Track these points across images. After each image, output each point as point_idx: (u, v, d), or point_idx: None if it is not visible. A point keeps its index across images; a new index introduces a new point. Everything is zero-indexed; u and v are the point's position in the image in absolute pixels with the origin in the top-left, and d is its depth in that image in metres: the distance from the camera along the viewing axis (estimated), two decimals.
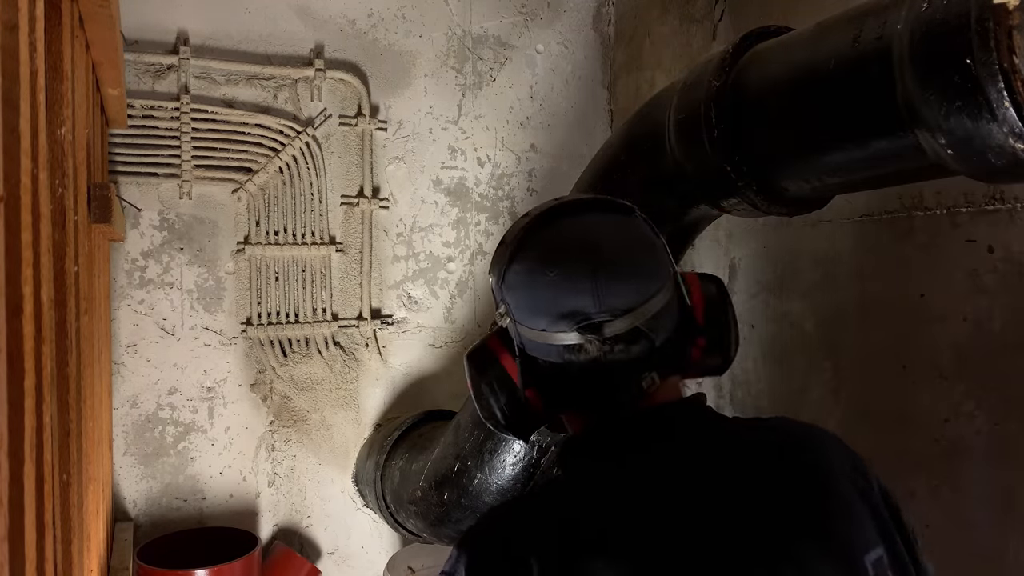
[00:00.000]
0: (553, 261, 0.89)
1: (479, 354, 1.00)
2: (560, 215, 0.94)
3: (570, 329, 0.87)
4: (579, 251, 0.89)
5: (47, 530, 0.77)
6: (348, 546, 2.48)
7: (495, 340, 0.98)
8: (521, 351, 0.93)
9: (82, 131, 1.31)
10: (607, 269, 0.88)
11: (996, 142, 0.91)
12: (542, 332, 0.89)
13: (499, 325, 0.96)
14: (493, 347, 0.98)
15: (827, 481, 0.86)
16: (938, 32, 0.93)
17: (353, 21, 2.45)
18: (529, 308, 0.90)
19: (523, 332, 0.91)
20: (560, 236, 0.92)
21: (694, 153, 1.40)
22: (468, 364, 1.01)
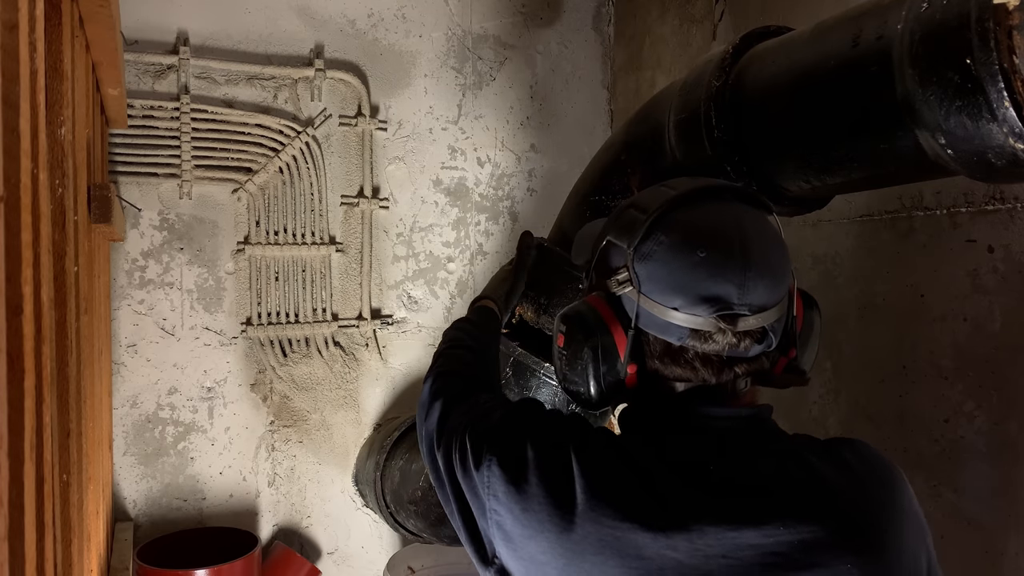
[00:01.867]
0: (703, 243, 0.85)
1: (584, 318, 0.91)
2: (704, 197, 0.91)
3: (707, 315, 0.83)
4: (731, 239, 0.86)
5: (47, 530, 0.77)
6: (348, 546, 2.48)
7: (605, 307, 0.90)
8: (636, 325, 0.88)
9: (82, 131, 1.31)
10: (757, 262, 0.85)
11: (996, 142, 0.91)
12: (672, 311, 0.85)
13: (611, 292, 0.90)
14: (604, 315, 0.90)
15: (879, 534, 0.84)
16: (938, 32, 0.93)
17: (353, 21, 2.45)
18: (667, 283, 0.85)
19: (646, 306, 0.86)
20: (708, 219, 0.89)
21: (694, 153, 1.40)
22: (567, 326, 0.93)
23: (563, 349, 0.93)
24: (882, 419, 1.70)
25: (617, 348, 0.89)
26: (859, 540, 0.81)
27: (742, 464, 0.86)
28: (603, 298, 0.91)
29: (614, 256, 0.92)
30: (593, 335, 0.89)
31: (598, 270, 0.95)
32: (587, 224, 1.12)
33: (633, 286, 0.87)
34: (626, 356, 0.88)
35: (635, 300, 0.87)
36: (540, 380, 1.77)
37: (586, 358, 0.90)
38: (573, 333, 0.92)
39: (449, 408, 1.07)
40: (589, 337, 0.89)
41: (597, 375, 0.90)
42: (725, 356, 0.86)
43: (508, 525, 0.86)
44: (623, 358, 0.88)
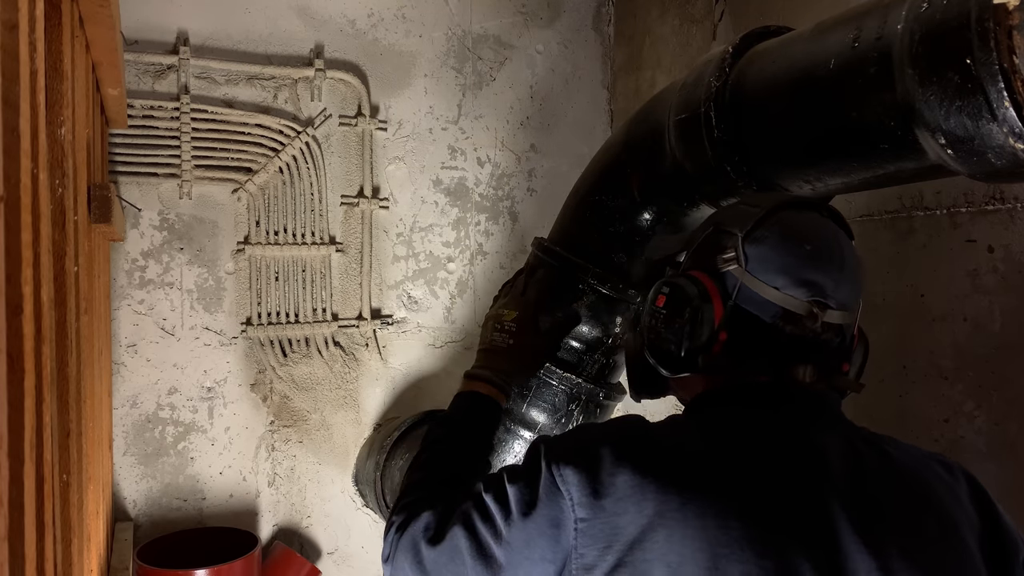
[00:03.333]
0: (809, 239, 0.96)
1: (689, 284, 0.99)
2: (806, 207, 1.03)
3: (804, 297, 0.92)
4: (830, 242, 0.97)
5: (47, 530, 0.77)
6: (348, 546, 2.48)
7: (708, 280, 0.98)
8: (735, 299, 0.95)
9: (82, 131, 1.31)
10: (848, 266, 0.96)
11: (996, 142, 0.91)
12: (773, 290, 0.93)
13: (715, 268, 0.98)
14: (708, 285, 0.98)
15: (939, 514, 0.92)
16: (938, 32, 0.93)
17: (353, 21, 2.45)
18: (773, 264, 0.94)
19: (748, 283, 0.94)
20: (812, 222, 1.00)
21: (694, 153, 1.40)
22: (671, 288, 1.01)
23: (661, 308, 1.01)
24: (882, 419, 1.70)
25: (714, 315, 0.96)
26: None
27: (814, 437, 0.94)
28: (705, 273, 0.99)
29: (721, 241, 1.00)
30: (695, 298, 0.97)
31: (700, 253, 1.03)
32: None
33: (739, 264, 0.95)
34: (721, 324, 0.95)
35: (738, 277, 0.95)
36: (540, 380, 1.76)
37: (685, 317, 0.97)
38: (676, 294, 0.99)
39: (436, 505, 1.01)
40: (691, 299, 0.97)
41: (692, 334, 0.97)
42: (806, 342, 0.94)
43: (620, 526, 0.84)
44: (718, 324, 0.95)
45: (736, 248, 0.96)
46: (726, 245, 0.98)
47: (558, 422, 1.78)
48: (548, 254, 1.77)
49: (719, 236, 1.01)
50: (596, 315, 1.72)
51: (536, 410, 1.78)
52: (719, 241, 1.00)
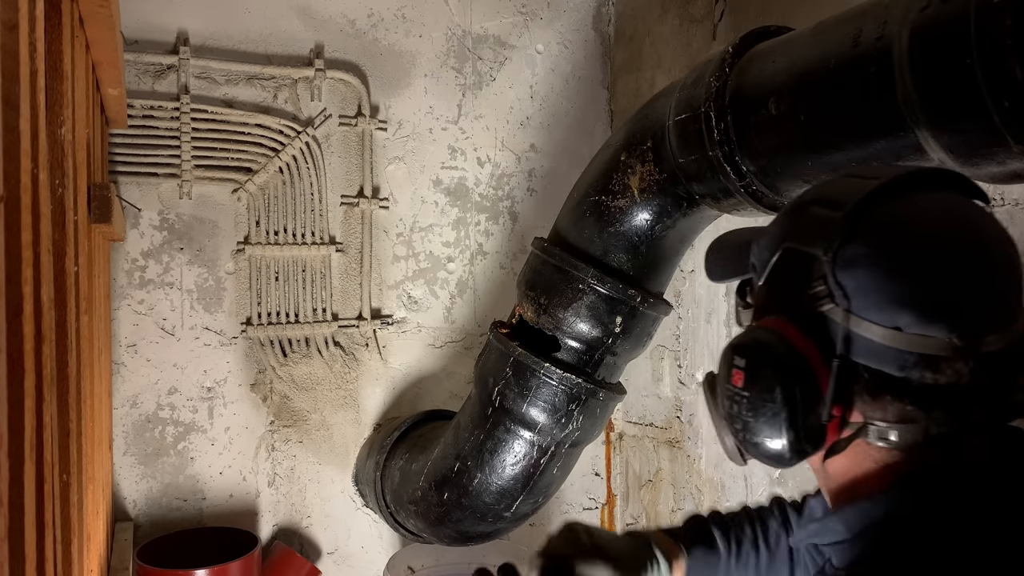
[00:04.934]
0: (927, 243, 0.68)
1: (771, 348, 0.71)
2: (912, 186, 0.72)
3: (942, 333, 0.65)
4: (961, 236, 0.69)
5: (47, 530, 0.77)
6: (348, 546, 2.48)
7: (795, 332, 0.70)
8: (844, 354, 0.68)
9: (82, 131, 1.31)
10: (998, 264, 0.69)
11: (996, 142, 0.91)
12: (893, 331, 0.66)
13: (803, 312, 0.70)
14: (797, 342, 0.70)
15: None
16: (938, 32, 0.93)
17: (353, 21, 2.45)
18: (884, 296, 0.67)
19: (855, 328, 0.67)
20: (927, 212, 0.70)
21: (694, 153, 1.40)
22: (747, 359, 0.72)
23: (741, 390, 0.72)
24: None
25: (819, 384, 0.68)
26: None
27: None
28: (789, 321, 0.71)
29: (800, 266, 0.72)
30: (787, 368, 0.69)
31: (776, 286, 0.76)
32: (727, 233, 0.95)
33: (835, 303, 0.68)
34: (830, 394, 0.68)
35: (840, 321, 0.68)
36: (540, 380, 1.77)
37: (778, 400, 0.69)
38: (757, 368, 0.71)
39: None
40: (782, 371, 0.69)
41: (794, 421, 0.69)
42: (963, 388, 0.67)
43: None
44: (827, 397, 0.68)
45: (825, 278, 0.69)
46: (810, 274, 0.70)
47: (558, 422, 1.78)
48: (548, 254, 1.77)
49: (797, 260, 0.72)
50: (596, 315, 1.72)
51: (536, 410, 1.78)
52: (799, 268, 0.72)
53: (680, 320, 2.46)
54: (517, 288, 1.93)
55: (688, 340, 2.44)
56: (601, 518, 2.84)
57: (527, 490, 1.89)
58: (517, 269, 2.53)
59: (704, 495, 2.36)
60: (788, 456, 0.71)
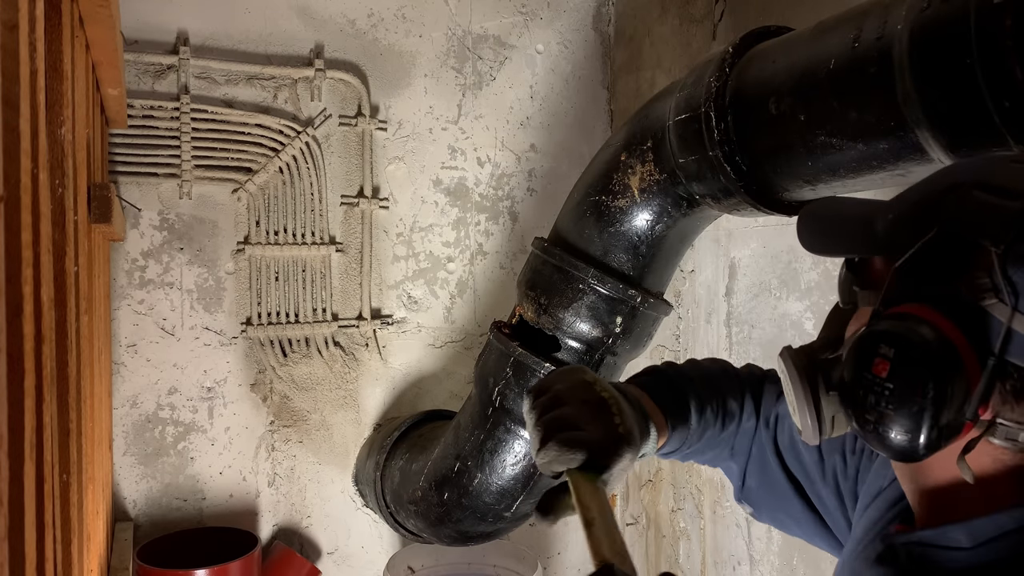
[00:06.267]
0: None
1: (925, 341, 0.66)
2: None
3: None
4: None
5: (47, 530, 0.77)
6: (348, 546, 2.48)
7: (951, 326, 0.66)
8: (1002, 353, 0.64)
9: (82, 131, 1.31)
10: None
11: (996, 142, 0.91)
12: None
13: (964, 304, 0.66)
14: (954, 338, 0.65)
15: None
16: (938, 32, 0.93)
17: (353, 21, 2.45)
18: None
19: (1019, 328, 0.63)
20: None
21: (694, 153, 1.40)
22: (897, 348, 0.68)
23: (885, 381, 0.68)
24: None
25: (969, 382, 0.65)
26: None
27: None
28: (942, 312, 0.67)
29: (956, 253, 0.67)
30: (941, 364, 0.65)
31: (924, 271, 0.70)
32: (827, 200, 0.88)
33: (1000, 299, 0.64)
34: (979, 394, 0.65)
35: (1002, 319, 0.64)
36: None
37: (928, 396, 0.65)
38: (908, 360, 0.67)
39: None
40: (935, 367, 0.65)
41: (938, 419, 0.65)
42: None
43: None
44: (975, 396, 0.65)
45: (991, 271, 0.64)
46: (975, 267, 0.66)
47: None
48: (548, 254, 1.77)
49: (958, 247, 0.67)
50: (596, 315, 1.72)
51: None
52: (955, 254, 0.67)
53: (680, 320, 2.46)
54: (517, 288, 1.93)
55: (688, 340, 2.43)
56: None
57: (527, 490, 1.89)
58: (517, 269, 2.53)
59: (704, 495, 2.36)
60: (922, 452, 0.67)
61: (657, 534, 2.59)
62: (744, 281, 2.18)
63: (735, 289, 2.20)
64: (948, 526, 0.72)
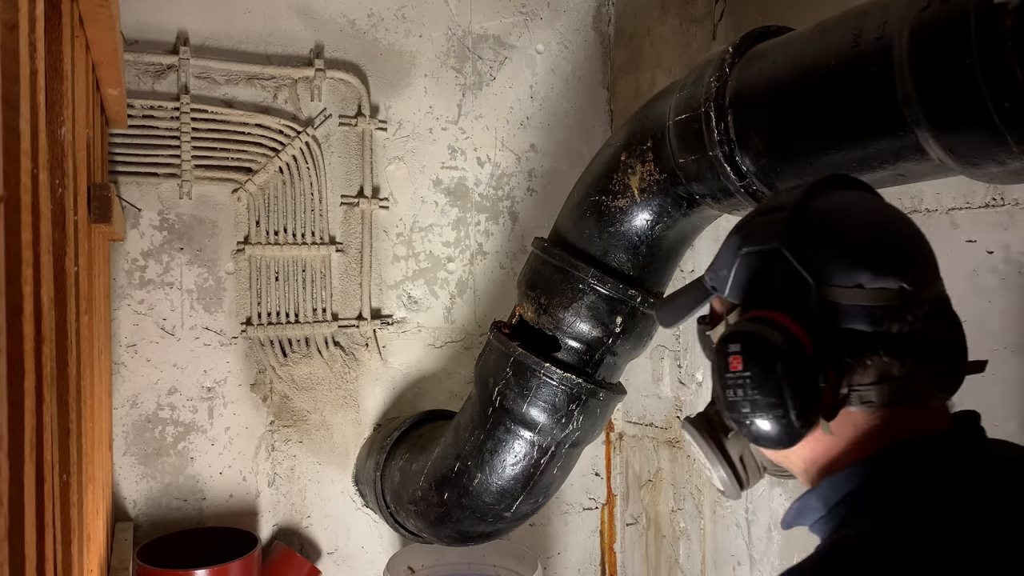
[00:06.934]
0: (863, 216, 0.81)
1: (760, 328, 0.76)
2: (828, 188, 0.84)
3: (894, 284, 0.74)
4: (883, 209, 0.83)
5: (47, 530, 0.77)
6: (348, 546, 2.48)
7: (775, 312, 0.76)
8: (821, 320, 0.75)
9: (82, 131, 1.31)
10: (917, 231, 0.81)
11: (996, 142, 0.91)
12: (856, 290, 0.74)
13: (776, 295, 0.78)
14: (781, 319, 0.75)
15: None
16: (938, 32, 0.93)
17: (353, 21, 2.45)
18: (842, 263, 0.75)
19: (827, 296, 0.75)
20: (851, 199, 0.84)
21: (694, 153, 1.40)
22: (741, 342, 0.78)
23: (741, 373, 0.77)
24: None
25: (806, 351, 0.74)
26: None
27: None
28: (767, 304, 0.79)
29: (765, 262, 0.81)
30: (779, 342, 0.74)
31: (745, 288, 0.83)
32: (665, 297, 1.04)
33: (803, 280, 0.76)
34: (818, 355, 0.74)
35: (811, 294, 0.75)
36: (540, 380, 1.76)
37: (778, 370, 0.74)
38: (753, 348, 0.76)
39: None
40: (775, 347, 0.74)
41: (795, 389, 0.74)
42: (924, 336, 0.75)
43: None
44: (817, 360, 0.74)
45: (788, 263, 0.77)
46: (773, 266, 0.79)
47: (558, 422, 1.78)
48: (548, 254, 1.77)
49: (754, 261, 0.81)
50: (596, 315, 1.72)
51: (536, 410, 1.78)
52: (763, 264, 0.80)
53: None
54: (517, 288, 1.93)
55: (688, 340, 2.43)
56: (601, 518, 2.84)
57: (527, 490, 1.89)
58: (517, 269, 2.53)
59: (704, 495, 2.36)
60: (796, 426, 0.74)
61: (657, 534, 2.59)
62: None
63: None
64: (807, 494, 0.81)
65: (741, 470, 0.91)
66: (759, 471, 0.93)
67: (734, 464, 0.91)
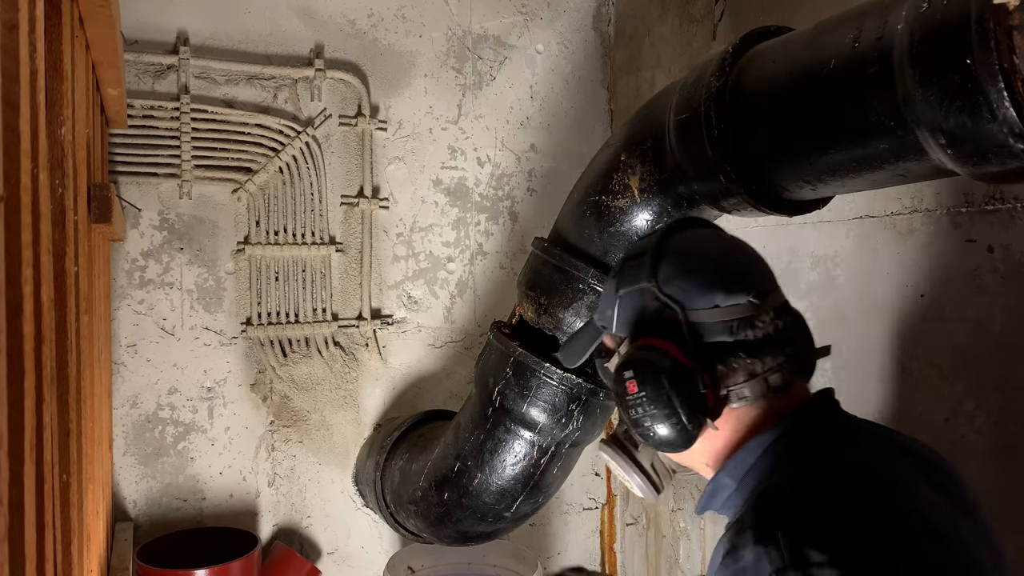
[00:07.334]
0: (708, 249, 1.01)
1: (646, 354, 0.94)
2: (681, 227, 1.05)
3: (744, 298, 0.93)
4: (722, 241, 1.04)
5: (47, 530, 0.77)
6: (348, 546, 2.48)
7: (655, 339, 0.94)
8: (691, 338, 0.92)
9: (82, 131, 1.31)
10: (750, 251, 1.02)
11: (996, 142, 0.91)
12: (714, 309, 0.93)
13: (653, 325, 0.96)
14: (661, 344, 0.93)
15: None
16: (938, 32, 0.93)
17: (353, 21, 2.45)
18: (700, 289, 0.94)
19: (692, 318, 0.93)
20: (698, 234, 1.04)
21: (694, 153, 1.40)
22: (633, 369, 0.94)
23: (637, 394, 0.93)
24: (882, 419, 1.70)
25: (686, 367, 0.91)
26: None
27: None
28: (647, 333, 0.97)
29: (639, 302, 0.99)
30: (662, 363, 0.92)
31: (624, 323, 1.01)
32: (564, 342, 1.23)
33: (671, 309, 0.94)
34: (696, 370, 0.91)
35: (681, 321, 0.93)
36: (540, 380, 1.76)
37: (666, 385, 0.91)
38: (643, 371, 0.93)
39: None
40: (660, 367, 0.91)
41: (682, 399, 0.91)
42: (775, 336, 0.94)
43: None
44: (694, 370, 0.91)
45: (660, 297, 0.95)
46: (647, 302, 0.97)
47: (558, 422, 1.78)
48: (548, 254, 1.77)
49: (632, 299, 1.00)
50: None
51: (536, 410, 1.78)
52: (638, 301, 0.99)
53: None
54: (517, 288, 1.93)
55: None
56: (601, 518, 2.84)
57: (527, 490, 1.89)
58: (517, 269, 2.53)
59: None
60: (689, 428, 0.92)
61: (657, 534, 2.59)
62: None
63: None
64: (716, 475, 0.97)
65: (654, 475, 1.10)
66: (669, 474, 1.12)
67: (647, 471, 1.09)
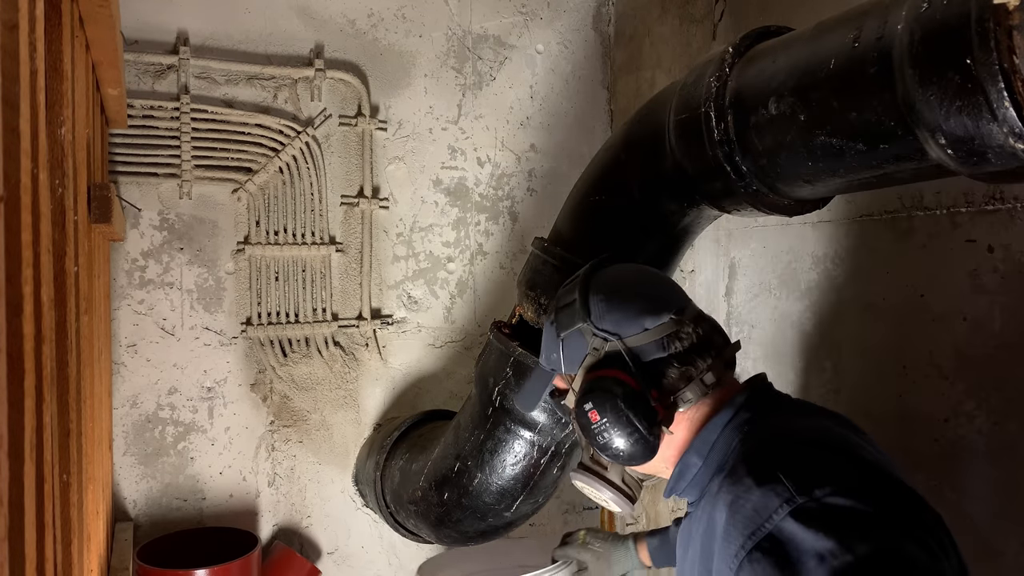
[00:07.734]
0: (626, 281, 1.16)
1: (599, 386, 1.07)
2: (598, 267, 1.22)
3: (667, 316, 1.09)
4: (637, 271, 1.22)
5: (47, 530, 0.77)
6: (348, 546, 2.48)
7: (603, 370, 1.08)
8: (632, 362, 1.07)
9: (82, 131, 1.31)
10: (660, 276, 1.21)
11: (996, 142, 0.91)
12: (646, 332, 1.08)
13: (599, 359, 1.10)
14: (609, 374, 1.07)
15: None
16: (938, 32, 0.93)
17: (353, 21, 2.45)
18: (627, 318, 1.09)
19: (630, 344, 1.08)
20: (616, 270, 1.20)
21: (694, 153, 1.40)
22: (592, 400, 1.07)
23: (600, 421, 1.06)
24: (882, 419, 1.70)
25: (635, 388, 1.05)
26: None
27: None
28: (595, 367, 1.10)
29: (576, 342, 1.13)
30: (616, 390, 1.05)
31: (571, 362, 1.15)
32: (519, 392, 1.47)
33: (608, 341, 1.09)
34: (644, 388, 1.05)
35: (620, 350, 1.08)
36: None
37: (623, 408, 1.04)
38: (601, 401, 1.06)
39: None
40: (615, 394, 1.05)
41: (639, 416, 1.04)
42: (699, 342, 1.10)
43: None
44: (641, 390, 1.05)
45: (597, 333, 1.10)
46: (587, 339, 1.12)
47: (558, 422, 1.78)
48: (548, 254, 1.77)
49: (573, 340, 1.14)
50: None
51: (536, 410, 1.78)
52: (579, 342, 1.13)
53: None
54: (517, 288, 1.93)
55: None
56: (601, 518, 2.84)
57: (527, 490, 1.89)
58: (517, 269, 2.53)
59: None
60: (651, 439, 1.05)
61: None
62: (744, 281, 2.18)
63: (735, 289, 2.20)
64: (684, 455, 1.09)
65: (627, 488, 1.21)
66: (639, 484, 1.22)
67: (619, 486, 1.20)
